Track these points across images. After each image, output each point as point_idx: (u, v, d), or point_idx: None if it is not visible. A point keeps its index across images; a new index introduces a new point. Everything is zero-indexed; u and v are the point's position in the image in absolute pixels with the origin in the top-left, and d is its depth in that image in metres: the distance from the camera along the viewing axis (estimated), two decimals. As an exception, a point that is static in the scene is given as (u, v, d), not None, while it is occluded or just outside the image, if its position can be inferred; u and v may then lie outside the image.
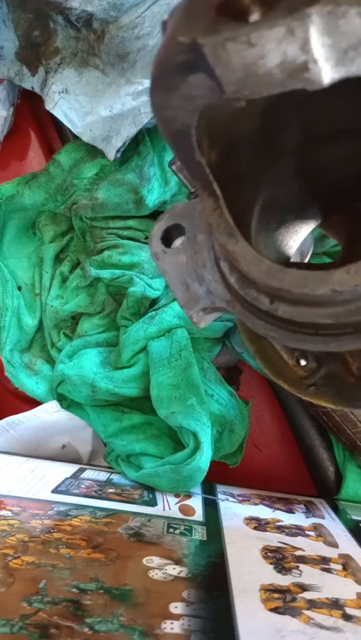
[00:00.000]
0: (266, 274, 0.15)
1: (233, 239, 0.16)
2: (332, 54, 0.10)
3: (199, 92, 0.13)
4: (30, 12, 0.40)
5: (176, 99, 0.13)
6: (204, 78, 0.12)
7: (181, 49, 0.12)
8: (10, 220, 0.48)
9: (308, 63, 0.10)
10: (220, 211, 0.16)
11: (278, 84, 0.11)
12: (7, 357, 0.47)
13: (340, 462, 0.43)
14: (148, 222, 0.46)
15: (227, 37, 0.11)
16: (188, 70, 0.12)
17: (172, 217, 0.22)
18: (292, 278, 0.15)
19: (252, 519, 0.35)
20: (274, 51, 0.10)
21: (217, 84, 0.12)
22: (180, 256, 0.21)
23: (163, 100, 0.13)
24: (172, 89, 0.13)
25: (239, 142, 0.18)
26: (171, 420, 0.40)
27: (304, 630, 0.22)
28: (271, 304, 0.17)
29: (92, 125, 0.41)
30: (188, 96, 0.13)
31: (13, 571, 0.25)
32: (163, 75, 0.13)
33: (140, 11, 0.37)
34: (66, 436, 0.47)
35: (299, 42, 0.10)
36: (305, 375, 0.23)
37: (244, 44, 0.10)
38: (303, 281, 0.15)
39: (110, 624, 0.22)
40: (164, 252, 0.22)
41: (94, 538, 0.30)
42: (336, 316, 0.15)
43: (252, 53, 0.11)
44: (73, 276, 0.48)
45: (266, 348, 0.25)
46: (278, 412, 0.46)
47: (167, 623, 0.22)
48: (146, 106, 0.39)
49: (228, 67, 0.11)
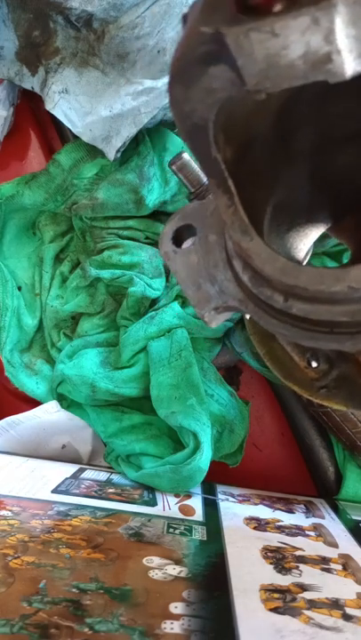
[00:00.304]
0: (281, 271, 0.15)
1: (247, 236, 0.16)
2: (357, 45, 0.10)
3: (220, 85, 0.12)
4: (30, 12, 0.40)
5: (196, 92, 0.13)
6: (226, 70, 0.12)
7: (203, 40, 0.11)
8: (10, 220, 0.48)
9: (332, 54, 0.10)
10: (234, 208, 0.16)
11: (300, 76, 0.11)
12: (7, 357, 0.47)
13: (340, 462, 0.43)
14: (148, 222, 0.46)
15: (250, 27, 0.10)
16: (209, 62, 0.12)
17: (183, 217, 0.22)
18: (307, 276, 0.15)
19: (252, 519, 0.35)
20: (297, 41, 0.10)
21: (238, 76, 0.12)
22: (192, 256, 0.21)
23: (182, 93, 0.13)
24: (193, 81, 0.13)
25: (255, 141, 0.18)
26: (171, 420, 0.40)
27: (304, 630, 0.22)
28: (285, 302, 0.16)
29: (92, 125, 0.41)
30: (209, 89, 0.13)
31: (13, 571, 0.25)
32: (183, 67, 0.13)
33: (140, 11, 0.37)
34: (66, 436, 0.47)
35: (323, 32, 0.10)
36: (316, 377, 0.23)
37: (268, 34, 0.10)
38: (319, 278, 0.15)
39: (110, 624, 0.22)
40: (175, 252, 0.22)
41: (94, 538, 0.30)
42: (352, 313, 0.15)
43: (276, 44, 0.10)
44: (73, 276, 0.48)
45: (276, 350, 0.25)
46: (278, 412, 0.46)
47: (167, 623, 0.22)
48: (146, 106, 0.39)
49: (251, 57, 0.11)
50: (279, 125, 0.18)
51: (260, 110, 0.17)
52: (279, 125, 0.18)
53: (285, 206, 0.21)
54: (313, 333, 0.17)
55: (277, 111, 0.18)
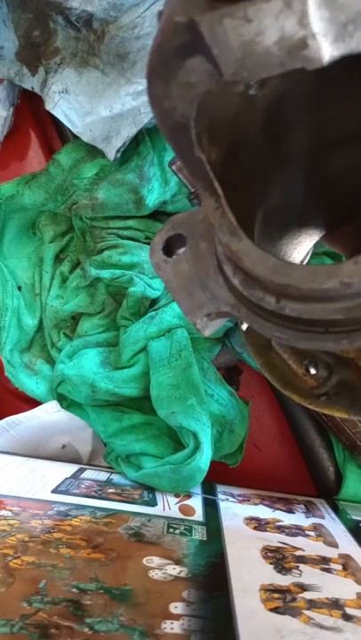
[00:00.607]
0: (272, 270, 0.15)
1: (236, 238, 0.16)
2: (331, 29, 0.10)
3: (198, 78, 0.12)
4: (30, 12, 0.40)
5: (175, 87, 0.13)
6: (203, 62, 0.12)
7: (178, 30, 0.11)
8: (10, 220, 0.48)
9: (307, 39, 0.10)
10: (221, 210, 0.16)
11: (277, 64, 0.11)
12: (7, 357, 0.47)
13: (340, 462, 0.43)
14: (148, 222, 0.46)
15: (223, 13, 0.10)
16: (185, 54, 0.12)
17: (173, 227, 0.21)
18: (299, 273, 0.15)
19: (252, 519, 0.35)
20: (272, 26, 0.10)
21: (215, 67, 0.11)
22: (182, 265, 0.21)
23: (161, 89, 0.13)
24: (171, 76, 0.13)
25: (244, 143, 0.18)
26: (171, 420, 0.40)
27: (304, 630, 0.22)
28: (278, 303, 0.16)
29: (92, 125, 0.41)
30: (187, 83, 0.13)
31: (13, 571, 0.25)
32: (160, 60, 0.12)
33: (140, 11, 0.37)
34: (66, 436, 0.47)
35: (296, 15, 0.10)
36: (316, 385, 0.23)
37: (242, 20, 0.10)
38: (311, 275, 0.14)
39: (110, 624, 0.22)
40: (166, 261, 0.21)
41: (94, 538, 0.30)
42: (347, 310, 0.15)
43: (250, 29, 0.10)
44: (73, 276, 0.48)
45: (274, 359, 0.25)
46: (278, 412, 0.46)
47: (167, 623, 0.22)
48: (146, 106, 0.39)
49: (226, 46, 0.11)
50: (269, 127, 0.18)
51: (247, 111, 0.17)
52: (269, 127, 0.18)
53: (278, 212, 0.21)
54: (308, 334, 0.17)
55: (266, 113, 0.18)
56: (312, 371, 0.23)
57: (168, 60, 0.12)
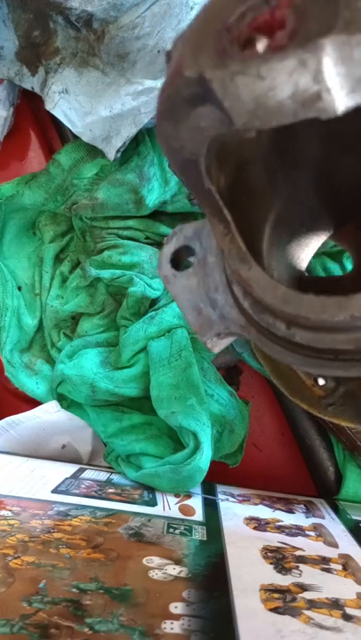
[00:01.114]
0: (282, 300, 0.15)
1: (246, 265, 0.16)
2: (347, 82, 0.10)
3: (208, 124, 0.12)
4: (30, 12, 0.40)
5: (184, 130, 0.13)
6: (213, 110, 0.12)
7: (188, 83, 0.11)
8: (10, 220, 0.48)
9: (321, 93, 0.10)
10: (231, 236, 0.16)
11: (290, 114, 0.11)
12: (7, 357, 0.47)
13: (340, 462, 0.43)
14: (148, 222, 0.46)
15: (235, 71, 0.10)
16: (196, 102, 0.12)
17: (181, 239, 0.21)
18: (309, 304, 0.14)
19: (252, 519, 0.35)
20: (285, 82, 0.10)
21: (226, 116, 0.11)
22: (191, 279, 0.21)
23: (170, 131, 0.13)
24: (180, 120, 0.13)
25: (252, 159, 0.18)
26: (171, 420, 0.40)
27: (304, 630, 0.22)
28: (288, 330, 0.16)
29: (92, 125, 0.41)
30: (197, 127, 0.13)
31: (13, 571, 0.25)
32: (170, 107, 0.12)
33: (140, 11, 0.37)
34: (66, 436, 0.47)
35: (311, 73, 0.10)
36: (323, 395, 0.23)
37: (254, 77, 0.10)
38: (321, 307, 0.14)
39: (110, 624, 0.22)
40: (175, 275, 0.21)
41: (94, 538, 0.30)
42: (356, 341, 0.15)
43: (263, 86, 0.10)
44: (73, 276, 0.48)
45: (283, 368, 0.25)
46: (278, 412, 0.46)
47: (167, 623, 0.22)
48: (146, 106, 0.39)
49: (238, 100, 0.11)
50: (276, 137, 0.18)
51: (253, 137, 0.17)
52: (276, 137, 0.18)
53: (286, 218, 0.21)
54: (318, 360, 0.17)
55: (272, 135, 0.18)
56: (320, 381, 0.23)
57: (178, 107, 0.12)
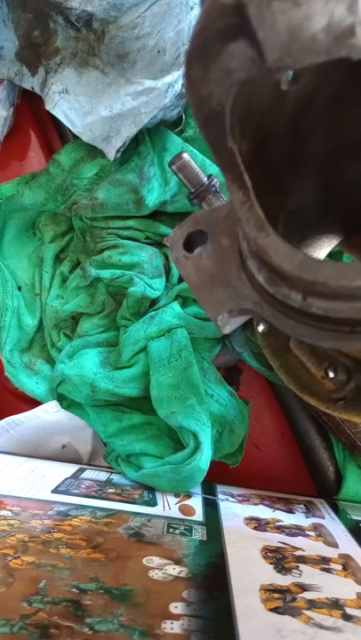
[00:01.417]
0: (300, 267, 0.15)
1: (263, 232, 0.15)
2: None
3: (239, 64, 0.12)
4: (30, 12, 0.40)
5: (214, 72, 0.13)
6: (246, 46, 0.12)
7: (224, 12, 0.11)
8: (10, 220, 0.48)
9: (355, 26, 0.10)
10: (250, 204, 0.16)
11: (323, 51, 0.11)
12: (7, 357, 0.47)
13: (340, 462, 0.43)
14: (148, 222, 0.46)
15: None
16: (229, 37, 0.12)
17: (194, 223, 0.21)
18: (328, 270, 0.14)
19: (252, 519, 0.35)
20: (320, 12, 0.10)
21: (258, 53, 0.11)
22: (203, 261, 0.21)
23: (200, 74, 0.13)
24: (211, 60, 0.13)
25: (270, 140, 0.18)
26: (171, 420, 0.40)
27: (304, 630, 0.22)
28: (304, 300, 0.16)
29: (92, 125, 0.41)
30: (227, 69, 0.12)
31: (13, 571, 0.25)
32: (202, 43, 0.12)
33: (140, 11, 0.37)
34: (66, 436, 0.47)
35: (347, 1, 0.10)
36: (334, 388, 0.22)
37: (290, 4, 0.10)
38: (340, 273, 0.14)
39: (110, 624, 0.22)
40: (186, 257, 0.21)
41: (94, 538, 0.30)
42: None
43: (298, 14, 0.10)
44: (73, 276, 0.48)
45: (291, 362, 0.24)
46: (278, 412, 0.46)
47: (167, 623, 0.22)
48: (146, 106, 0.39)
49: (273, 29, 0.11)
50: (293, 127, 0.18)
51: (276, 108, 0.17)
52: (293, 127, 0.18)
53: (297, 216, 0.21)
54: (334, 333, 0.17)
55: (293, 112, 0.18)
56: (331, 374, 0.22)
57: (210, 44, 0.12)
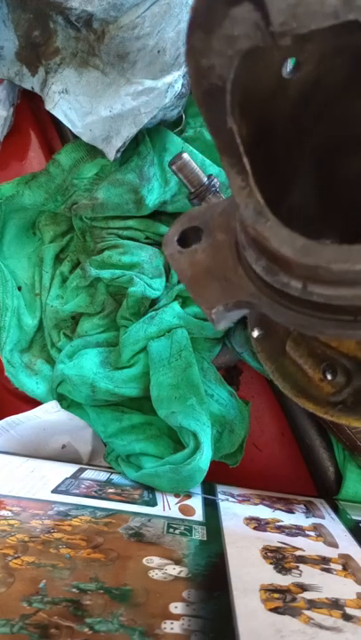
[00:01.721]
0: (302, 251, 0.14)
1: (263, 218, 0.15)
2: None
3: (243, 30, 0.12)
4: (30, 12, 0.40)
5: (216, 40, 0.12)
6: (250, 10, 0.11)
7: None
8: (10, 220, 0.48)
9: None
10: (249, 190, 0.15)
11: (331, 14, 0.10)
12: (7, 357, 0.47)
13: (340, 462, 0.43)
14: (148, 222, 0.46)
15: None
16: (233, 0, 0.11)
17: (190, 220, 0.21)
18: (331, 254, 0.13)
19: (252, 519, 0.35)
20: None
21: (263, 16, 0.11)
22: (198, 255, 0.20)
23: (201, 41, 0.12)
24: (214, 26, 0.12)
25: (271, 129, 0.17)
26: (171, 420, 0.40)
27: (304, 630, 0.22)
28: (305, 288, 0.15)
29: (92, 125, 0.41)
30: (230, 36, 0.12)
31: (13, 571, 0.25)
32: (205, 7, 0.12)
33: (140, 11, 0.37)
34: (66, 436, 0.47)
35: None
36: (332, 392, 0.22)
37: None
38: (345, 255, 0.13)
39: (110, 624, 0.22)
40: (181, 252, 0.21)
41: (94, 538, 0.30)
42: None
43: None
44: (73, 276, 0.48)
45: (287, 366, 0.24)
46: (278, 412, 0.46)
47: (167, 623, 0.22)
48: (146, 106, 0.39)
49: None
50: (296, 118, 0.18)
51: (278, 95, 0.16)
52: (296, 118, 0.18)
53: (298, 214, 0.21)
54: (335, 322, 0.16)
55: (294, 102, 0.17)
56: (329, 376, 0.21)
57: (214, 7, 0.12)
